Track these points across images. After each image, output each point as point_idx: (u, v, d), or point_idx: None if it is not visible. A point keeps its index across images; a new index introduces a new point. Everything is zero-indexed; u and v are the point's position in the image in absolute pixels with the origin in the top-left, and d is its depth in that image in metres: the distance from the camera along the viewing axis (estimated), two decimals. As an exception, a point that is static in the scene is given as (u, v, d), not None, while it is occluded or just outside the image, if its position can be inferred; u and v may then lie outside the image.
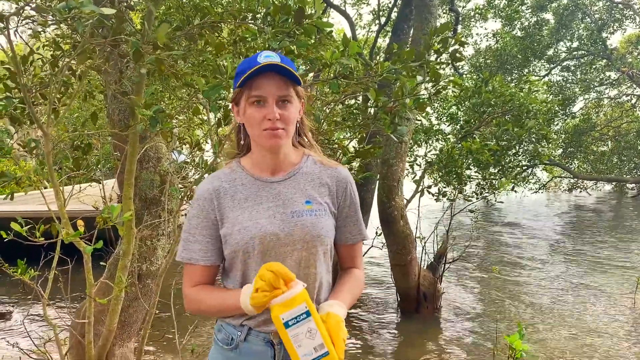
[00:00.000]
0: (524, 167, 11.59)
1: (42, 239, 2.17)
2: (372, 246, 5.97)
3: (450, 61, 2.48)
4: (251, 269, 1.38)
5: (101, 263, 3.03)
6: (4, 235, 2.24)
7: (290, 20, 1.98)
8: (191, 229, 1.44)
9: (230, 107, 1.48)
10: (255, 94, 1.34)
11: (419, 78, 2.34)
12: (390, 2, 9.97)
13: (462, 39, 2.51)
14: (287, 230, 1.37)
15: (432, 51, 2.42)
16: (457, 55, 2.47)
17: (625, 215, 15.02)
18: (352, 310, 5.90)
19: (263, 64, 1.31)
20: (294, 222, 1.38)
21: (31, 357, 3.50)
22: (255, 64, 1.32)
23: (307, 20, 1.97)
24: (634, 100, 18.51)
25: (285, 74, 1.34)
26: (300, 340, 1.23)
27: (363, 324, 5.69)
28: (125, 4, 2.01)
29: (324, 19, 2.10)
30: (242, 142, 1.48)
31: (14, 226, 2.07)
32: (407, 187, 6.13)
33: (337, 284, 1.49)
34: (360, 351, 4.93)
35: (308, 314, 1.24)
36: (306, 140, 1.52)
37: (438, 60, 2.46)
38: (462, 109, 7.67)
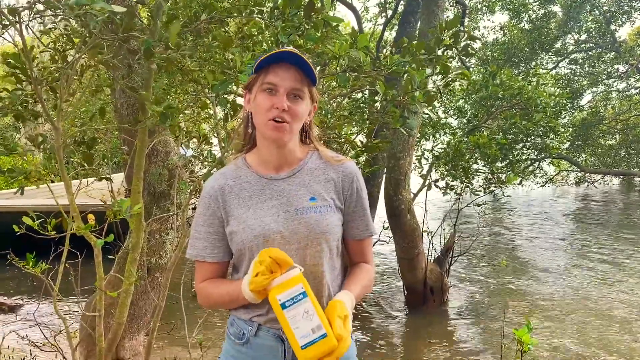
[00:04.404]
0: (531, 161, 11.53)
1: (54, 232, 2.19)
2: (378, 240, 5.97)
3: (459, 55, 2.46)
4: None
5: (109, 256, 3.05)
6: (16, 229, 2.26)
7: (299, 14, 1.97)
8: (198, 227, 1.45)
9: (243, 96, 1.48)
10: (269, 81, 1.33)
11: (428, 71, 2.33)
12: (397, -5, 9.90)
13: (472, 34, 2.48)
14: (291, 228, 1.37)
15: (442, 45, 2.40)
16: (469, 50, 2.45)
17: (635, 209, 14.93)
18: (359, 303, 5.91)
19: (284, 50, 1.31)
20: (298, 220, 1.37)
21: (42, 350, 3.54)
22: (277, 52, 1.33)
23: (316, 15, 1.96)
24: (642, 93, 18.34)
25: (303, 68, 1.34)
26: (297, 321, 1.22)
27: (370, 317, 5.71)
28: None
29: (331, 12, 2.10)
30: (249, 130, 1.47)
31: (26, 220, 2.08)
32: (414, 180, 6.12)
33: (347, 277, 1.48)
34: (366, 344, 4.95)
35: (304, 294, 1.24)
36: (312, 142, 1.51)
37: (447, 54, 2.44)
38: (469, 103, 7.64)
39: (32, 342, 3.78)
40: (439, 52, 2.39)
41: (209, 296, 1.44)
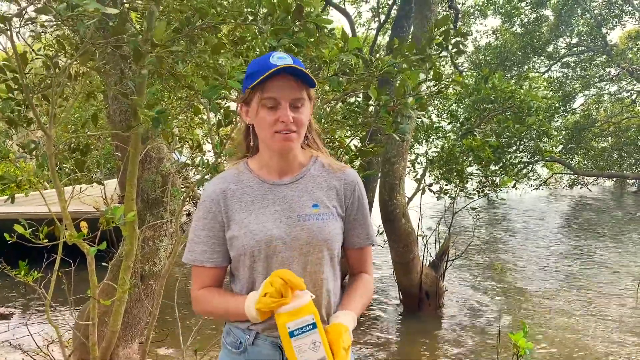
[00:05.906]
0: (524, 164, 11.57)
1: (46, 240, 2.16)
2: (373, 244, 5.95)
3: (451, 54, 2.45)
4: (257, 272, 1.37)
5: (103, 264, 3.03)
6: (7, 238, 2.24)
7: (288, 18, 1.96)
8: (197, 231, 1.43)
9: (238, 107, 1.47)
10: (269, 96, 1.31)
11: (422, 76, 2.33)
12: (389, 0, 9.95)
13: (462, 31, 2.47)
14: (293, 234, 1.36)
15: (434, 45, 2.39)
16: (459, 47, 2.44)
17: (627, 212, 15.00)
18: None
19: (279, 67, 1.28)
20: (300, 226, 1.36)
21: (34, 359, 3.50)
22: (269, 66, 1.29)
23: (305, 18, 1.95)
24: (634, 96, 18.47)
25: (299, 76, 1.32)
26: (303, 351, 1.22)
27: (365, 321, 5.69)
28: (127, 5, 2.00)
29: (323, 16, 2.08)
30: (251, 144, 1.46)
31: (17, 228, 2.06)
32: (409, 185, 6.11)
33: (347, 289, 1.48)
34: (362, 349, 4.93)
35: (314, 325, 1.23)
36: (314, 142, 1.50)
37: (439, 54, 2.43)
38: (462, 106, 7.66)
39: (25, 351, 3.74)
40: (431, 52, 2.38)
41: (205, 304, 1.42)
